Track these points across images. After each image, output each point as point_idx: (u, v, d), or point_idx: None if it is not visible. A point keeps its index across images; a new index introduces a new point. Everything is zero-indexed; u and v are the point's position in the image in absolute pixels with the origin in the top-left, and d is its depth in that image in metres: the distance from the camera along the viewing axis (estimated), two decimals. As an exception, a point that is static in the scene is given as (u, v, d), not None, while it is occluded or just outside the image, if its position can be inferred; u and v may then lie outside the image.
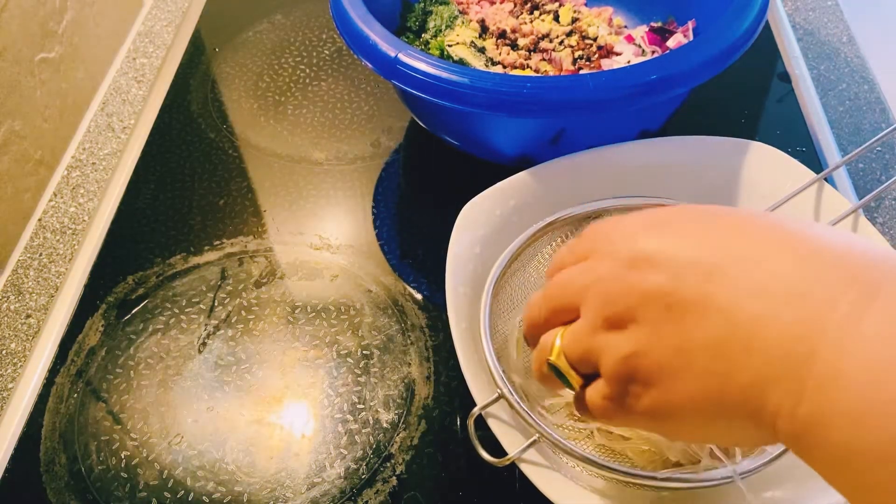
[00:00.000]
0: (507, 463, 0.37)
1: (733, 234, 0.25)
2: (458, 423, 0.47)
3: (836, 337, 0.21)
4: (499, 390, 0.38)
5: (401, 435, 0.47)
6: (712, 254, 0.25)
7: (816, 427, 0.21)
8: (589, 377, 0.29)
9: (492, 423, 0.38)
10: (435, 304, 0.53)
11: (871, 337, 0.20)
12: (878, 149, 0.62)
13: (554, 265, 0.32)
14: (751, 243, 0.25)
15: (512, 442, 0.38)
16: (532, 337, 0.32)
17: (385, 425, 0.47)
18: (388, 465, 0.46)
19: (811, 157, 0.62)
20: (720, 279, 0.24)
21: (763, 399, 0.22)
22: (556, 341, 0.30)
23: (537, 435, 0.37)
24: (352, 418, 0.48)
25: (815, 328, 0.21)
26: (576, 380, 0.30)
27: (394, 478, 0.45)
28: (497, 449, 0.38)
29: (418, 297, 0.54)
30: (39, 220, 0.62)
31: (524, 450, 0.37)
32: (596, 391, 0.29)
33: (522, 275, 0.45)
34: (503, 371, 0.39)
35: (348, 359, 0.51)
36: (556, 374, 0.30)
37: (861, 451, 0.20)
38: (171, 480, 0.46)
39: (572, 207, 0.45)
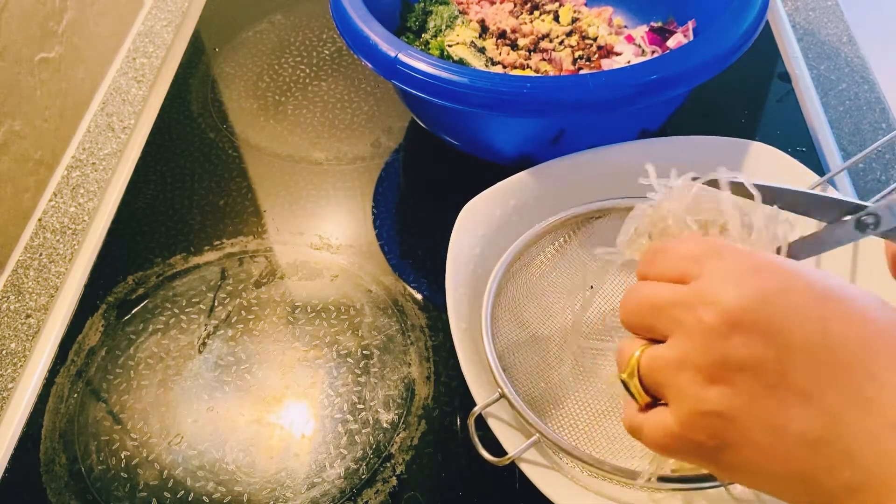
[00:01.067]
0: (507, 462, 0.37)
1: (856, 331, 0.24)
2: (458, 423, 0.47)
3: None
4: (499, 390, 0.38)
5: (401, 435, 0.47)
6: (829, 344, 0.24)
7: None
8: (656, 400, 0.29)
9: (492, 422, 0.38)
10: (435, 304, 0.53)
11: None
12: (879, 149, 0.62)
13: (648, 263, 0.30)
14: (874, 354, 0.24)
15: (512, 441, 0.38)
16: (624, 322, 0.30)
17: (385, 425, 0.47)
18: (388, 465, 0.46)
19: (811, 157, 0.62)
20: (834, 379, 0.23)
21: (846, 500, 0.23)
22: (634, 357, 0.28)
23: (537, 435, 0.37)
24: (352, 418, 0.48)
25: None
26: (643, 399, 0.29)
27: (394, 478, 0.45)
28: (497, 449, 0.38)
29: (418, 297, 0.54)
30: (39, 220, 0.62)
31: (524, 449, 0.37)
32: (661, 424, 0.27)
33: (524, 275, 0.45)
34: (504, 370, 0.39)
35: (348, 359, 0.51)
36: (624, 388, 0.29)
37: None
38: (171, 480, 0.46)
39: (574, 207, 0.45)
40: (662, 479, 0.35)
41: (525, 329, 0.44)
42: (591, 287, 0.45)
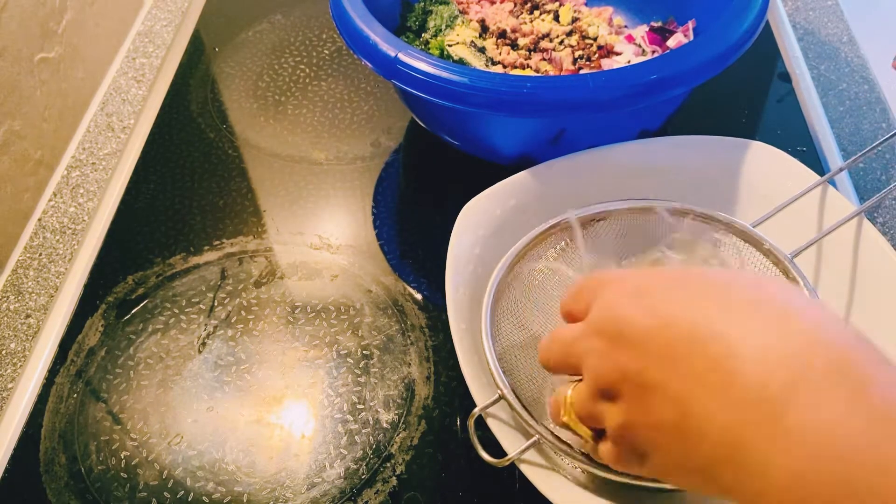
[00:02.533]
0: (507, 463, 0.37)
1: (707, 312, 0.27)
2: (458, 423, 0.47)
3: (766, 434, 0.24)
4: (499, 391, 0.38)
5: (401, 435, 0.47)
6: (679, 335, 0.27)
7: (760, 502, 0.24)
8: (599, 430, 0.32)
9: (492, 423, 0.38)
10: (435, 304, 0.53)
11: (794, 436, 0.23)
12: (879, 149, 0.62)
13: (562, 309, 0.34)
14: (703, 342, 0.26)
15: (512, 442, 0.38)
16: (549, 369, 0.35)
17: (385, 425, 0.47)
18: (388, 465, 0.46)
19: (811, 157, 0.62)
20: (679, 367, 0.27)
21: (717, 478, 0.25)
22: (567, 399, 0.33)
23: (537, 436, 0.37)
24: (352, 418, 0.48)
25: (749, 426, 0.24)
26: (586, 433, 0.32)
27: (394, 478, 0.45)
28: (497, 449, 0.37)
29: (418, 297, 0.54)
30: (39, 220, 0.62)
31: (524, 451, 0.37)
32: (606, 449, 0.31)
33: (526, 276, 0.45)
34: (503, 371, 0.39)
35: (348, 359, 0.51)
36: (570, 430, 0.33)
37: None
38: (171, 480, 0.46)
39: (577, 209, 0.45)
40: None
41: (526, 330, 0.44)
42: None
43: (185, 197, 0.62)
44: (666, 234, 0.45)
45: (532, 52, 0.62)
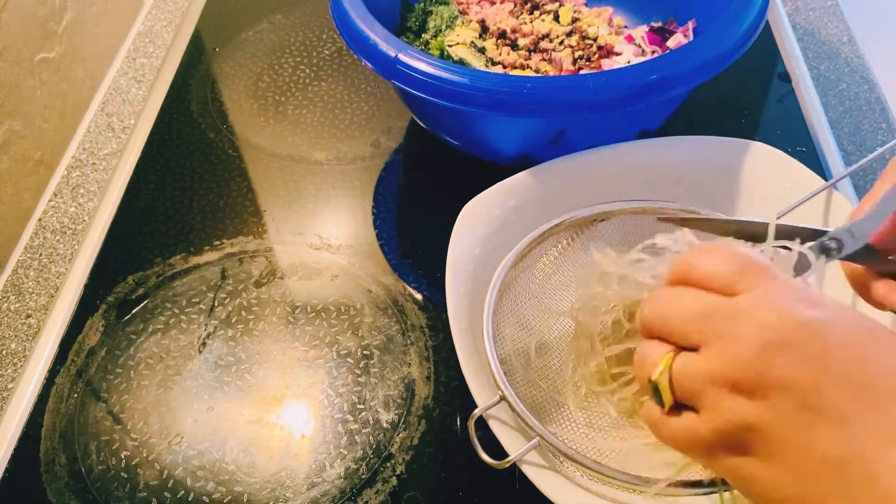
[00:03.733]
0: (507, 465, 0.37)
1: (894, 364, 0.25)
2: (458, 423, 0.47)
3: None
4: (500, 392, 0.38)
5: (401, 435, 0.47)
6: (867, 373, 0.24)
7: None
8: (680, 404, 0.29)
9: (492, 424, 0.38)
10: (435, 304, 0.53)
11: None
12: (879, 149, 0.62)
13: (690, 266, 0.29)
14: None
15: (513, 443, 0.38)
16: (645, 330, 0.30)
17: (385, 425, 0.47)
18: (388, 465, 0.46)
19: (811, 157, 0.62)
20: (868, 406, 0.24)
21: None
22: (667, 360, 0.28)
23: (537, 438, 0.37)
24: (352, 418, 0.48)
25: None
26: (669, 401, 0.29)
27: (394, 478, 0.45)
28: (497, 449, 0.37)
29: (418, 297, 0.54)
30: (39, 220, 0.62)
31: (524, 453, 0.37)
32: (690, 430, 0.28)
33: (527, 277, 0.45)
34: (505, 373, 0.39)
35: (348, 359, 0.51)
36: (652, 390, 0.29)
37: None
38: (171, 480, 0.46)
39: (579, 210, 0.45)
40: (671, 483, 0.35)
41: (527, 331, 0.44)
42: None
43: (185, 197, 0.62)
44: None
45: (532, 53, 0.62)
